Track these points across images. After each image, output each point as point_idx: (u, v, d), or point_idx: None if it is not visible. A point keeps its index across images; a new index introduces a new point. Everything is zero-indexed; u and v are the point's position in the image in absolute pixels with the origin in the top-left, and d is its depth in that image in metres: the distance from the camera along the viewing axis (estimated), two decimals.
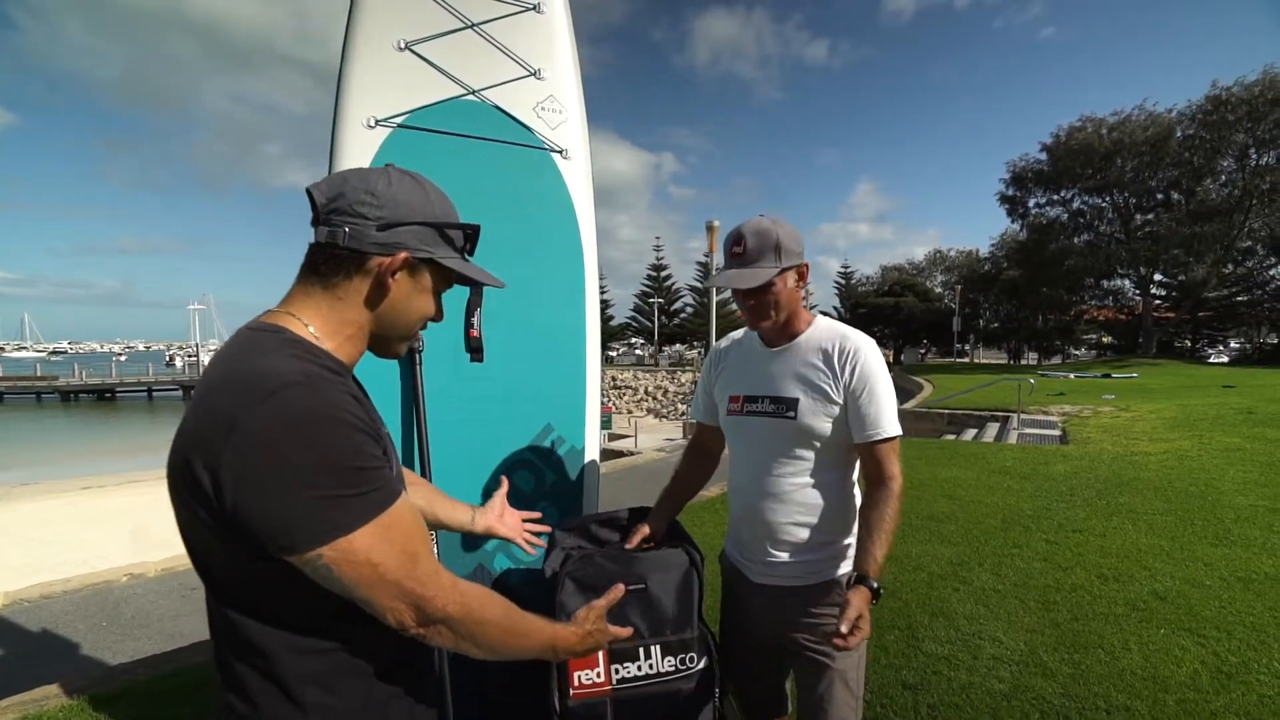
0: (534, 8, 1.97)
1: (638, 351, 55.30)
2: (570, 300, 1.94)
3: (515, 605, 0.90)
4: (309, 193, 0.84)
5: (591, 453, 1.91)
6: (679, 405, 31.45)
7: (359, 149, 1.76)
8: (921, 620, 2.99)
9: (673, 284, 52.39)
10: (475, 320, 1.81)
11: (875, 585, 1.31)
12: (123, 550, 7.32)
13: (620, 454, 12.74)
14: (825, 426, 1.40)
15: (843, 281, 50.70)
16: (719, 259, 1.66)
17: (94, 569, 5.30)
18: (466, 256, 0.98)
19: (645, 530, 1.58)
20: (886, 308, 39.27)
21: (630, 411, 34.02)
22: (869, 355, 1.41)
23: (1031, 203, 33.12)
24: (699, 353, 51.11)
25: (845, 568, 1.46)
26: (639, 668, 1.39)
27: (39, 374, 43.21)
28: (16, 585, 4.76)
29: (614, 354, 59.47)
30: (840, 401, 1.39)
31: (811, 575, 1.45)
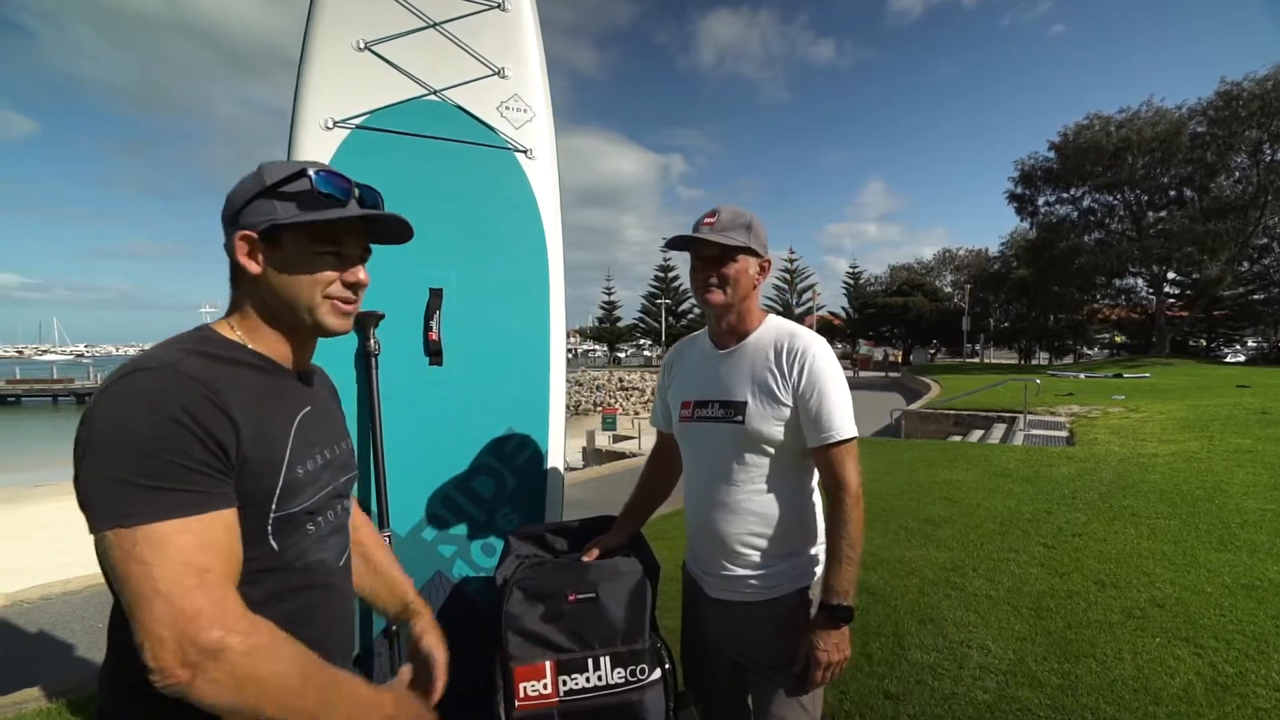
0: (498, 6, 1.94)
1: (645, 353, 55.18)
2: (533, 302, 1.91)
3: (326, 664, 0.79)
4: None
5: (555, 457, 1.87)
6: None
7: (316, 151, 1.73)
8: (909, 627, 2.93)
9: (680, 285, 52.24)
10: (434, 323, 1.79)
11: (842, 605, 1.29)
12: None
13: (623, 455, 12.70)
14: (775, 430, 1.34)
15: (851, 282, 50.41)
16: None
17: (95, 570, 5.34)
18: (329, 203, 0.89)
19: (605, 542, 1.54)
20: (895, 308, 38.97)
21: (637, 413, 33.98)
22: (818, 354, 1.35)
23: (1041, 201, 32.78)
24: None
25: (802, 582, 1.40)
26: (587, 679, 1.35)
27: (55, 377, 43.87)
28: (19, 586, 4.80)
29: (622, 355, 59.44)
30: (790, 404, 1.33)
31: (767, 590, 1.39)
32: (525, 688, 1.33)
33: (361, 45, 1.78)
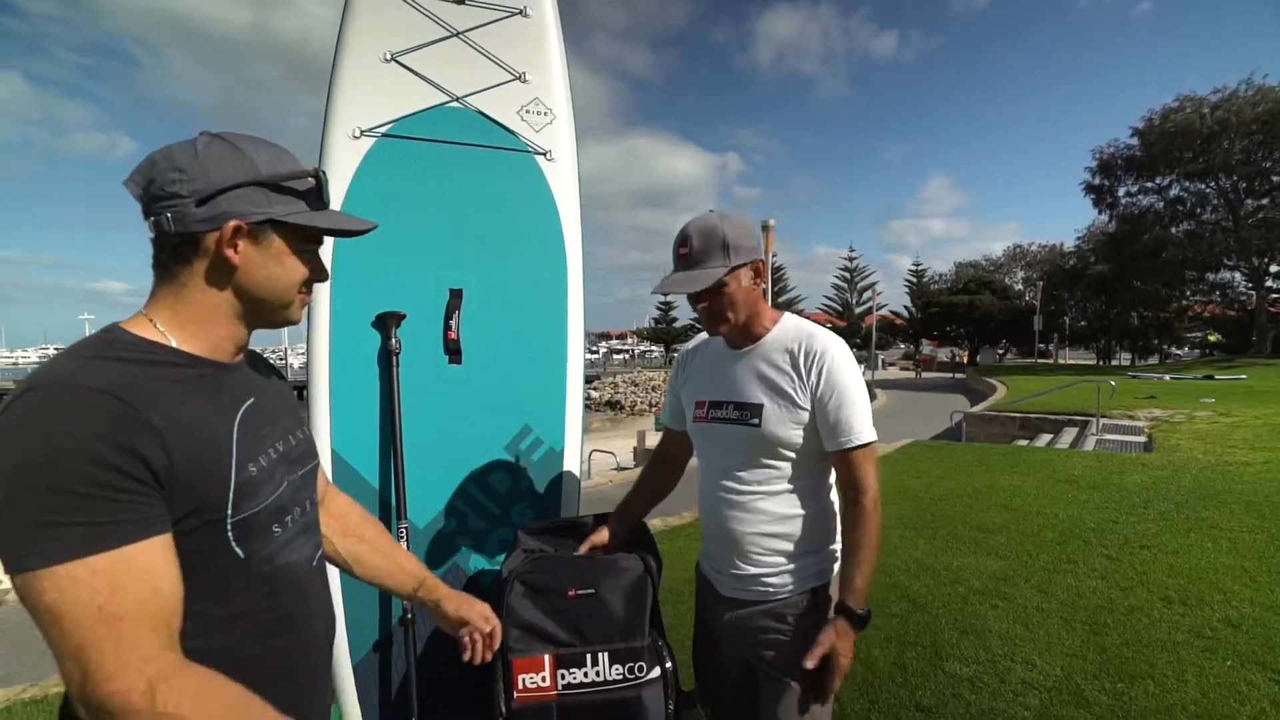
0: (520, 12, 1.99)
1: None
2: (552, 301, 1.94)
3: (259, 703, 0.72)
4: (126, 188, 0.78)
5: (571, 455, 1.90)
6: None
7: (345, 159, 1.82)
8: (949, 638, 2.81)
9: None
10: (454, 323, 1.85)
11: (860, 612, 1.28)
12: None
13: None
14: (792, 434, 1.33)
15: (914, 280, 48.59)
16: (676, 267, 1.37)
17: None
18: (318, 206, 0.86)
19: (599, 538, 1.55)
20: (961, 306, 37.25)
21: None
22: (837, 356, 1.32)
23: (1122, 191, 30.60)
24: None
25: (815, 583, 1.38)
26: (585, 674, 1.36)
27: None
28: None
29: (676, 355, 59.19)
30: (807, 407, 1.31)
31: (780, 591, 1.37)
32: (524, 679, 1.35)
33: (388, 56, 1.86)
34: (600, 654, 1.37)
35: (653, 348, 62.63)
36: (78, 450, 0.65)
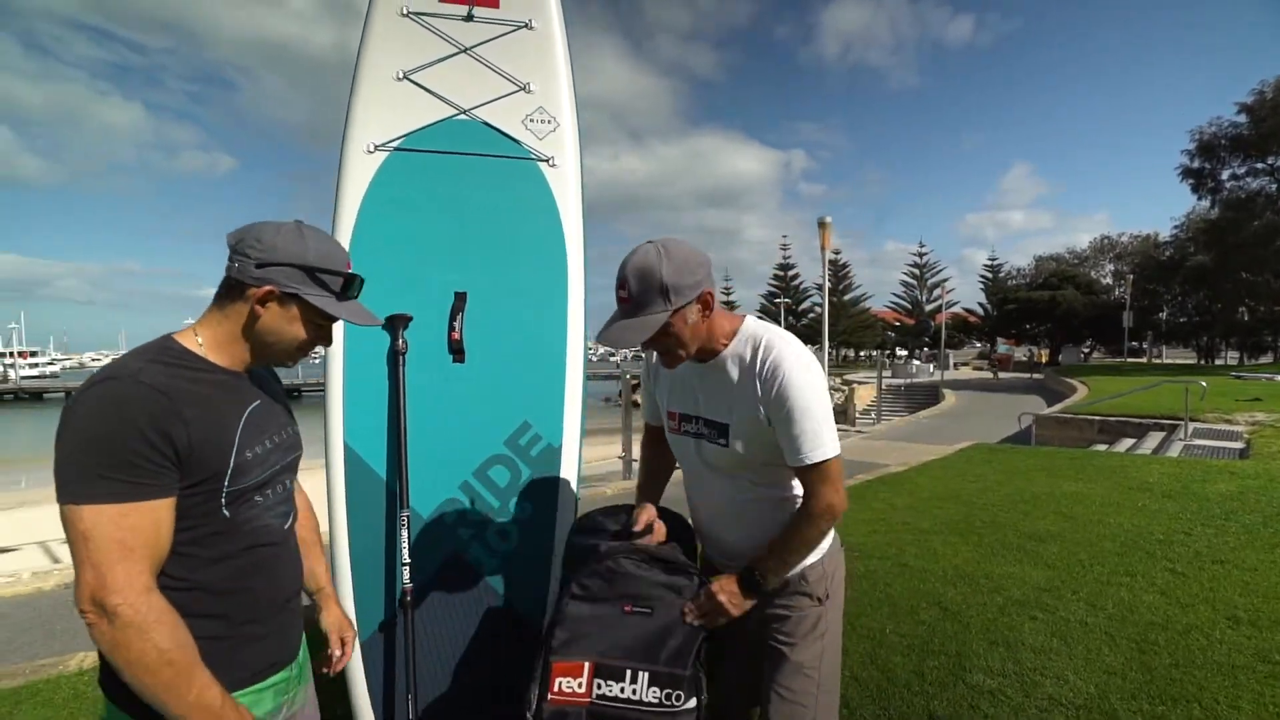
0: (525, 25, 2.07)
1: None
2: (552, 303, 2.01)
3: (198, 661, 0.93)
4: (226, 237, 1.07)
5: (570, 451, 1.96)
6: None
7: (360, 172, 1.95)
8: (976, 648, 2.70)
9: (800, 283, 50.77)
10: (457, 324, 1.95)
11: (759, 583, 1.33)
12: None
13: None
14: (762, 452, 1.34)
15: (989, 275, 46.11)
16: (617, 312, 1.32)
17: None
18: (344, 298, 1.12)
19: (649, 513, 1.51)
20: (1040, 303, 34.99)
21: None
22: (791, 369, 1.27)
23: (1226, 174, 27.91)
24: (830, 353, 49.04)
25: (805, 561, 1.40)
26: (621, 689, 1.32)
27: None
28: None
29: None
30: (767, 422, 1.30)
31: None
32: (561, 683, 1.32)
33: (400, 75, 1.98)
34: (641, 673, 1.33)
35: None
36: (131, 430, 0.90)
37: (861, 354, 49.36)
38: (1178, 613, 3.03)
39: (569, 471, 1.96)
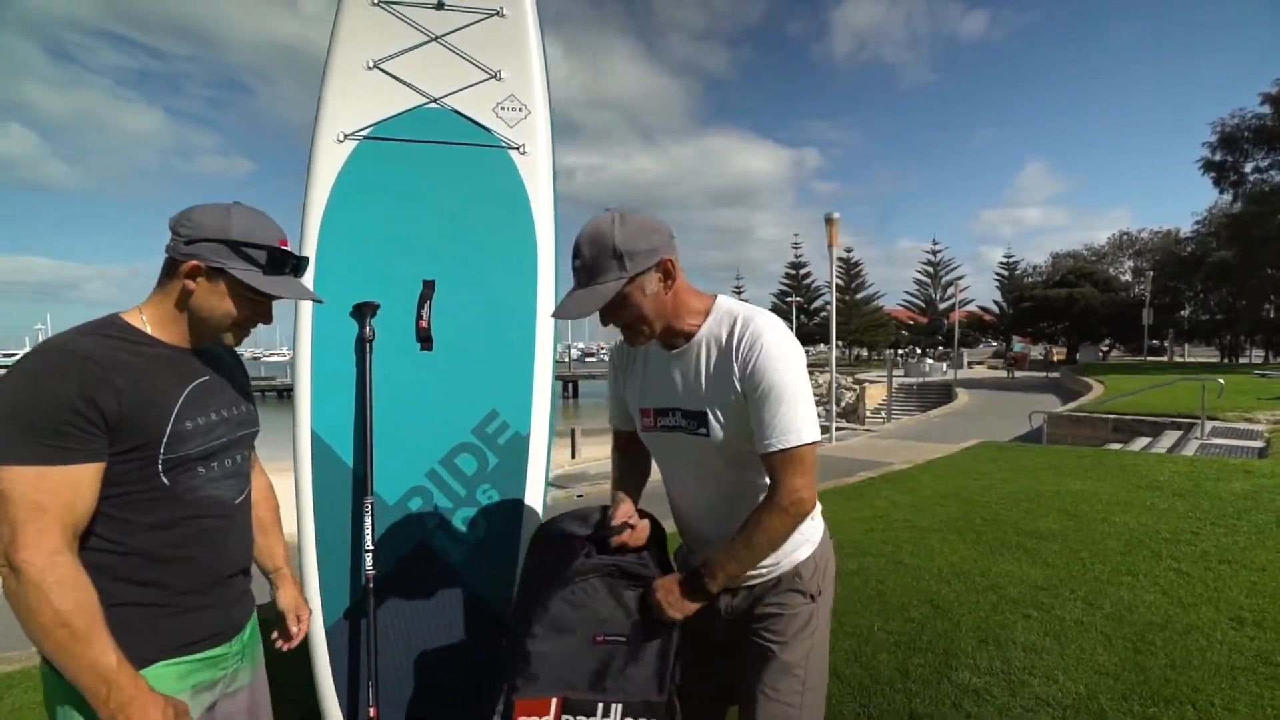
0: (496, 13, 2.05)
1: None
2: (521, 291, 1.99)
3: (99, 623, 0.93)
4: (168, 221, 1.10)
5: (539, 440, 1.94)
6: (816, 407, 30.21)
7: (329, 161, 1.94)
8: (965, 646, 2.64)
9: (812, 282, 50.42)
10: (425, 312, 1.94)
11: (705, 587, 1.24)
12: None
13: None
14: (742, 441, 1.24)
15: (1005, 273, 45.45)
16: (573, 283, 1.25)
17: None
18: (273, 273, 1.12)
19: (626, 507, 1.37)
20: (1057, 300, 34.42)
21: None
22: (769, 347, 1.19)
23: (1249, 167, 27.23)
24: (843, 352, 48.65)
25: (799, 556, 1.33)
26: None
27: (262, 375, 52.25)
28: None
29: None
30: (744, 405, 1.21)
31: (761, 575, 1.33)
32: None
33: (371, 64, 1.97)
34: (614, 705, 1.24)
35: None
36: (57, 396, 0.93)
37: (874, 353, 48.92)
38: (1179, 613, 2.94)
39: (537, 461, 1.94)
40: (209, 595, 1.12)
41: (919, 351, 40.13)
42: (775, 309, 51.74)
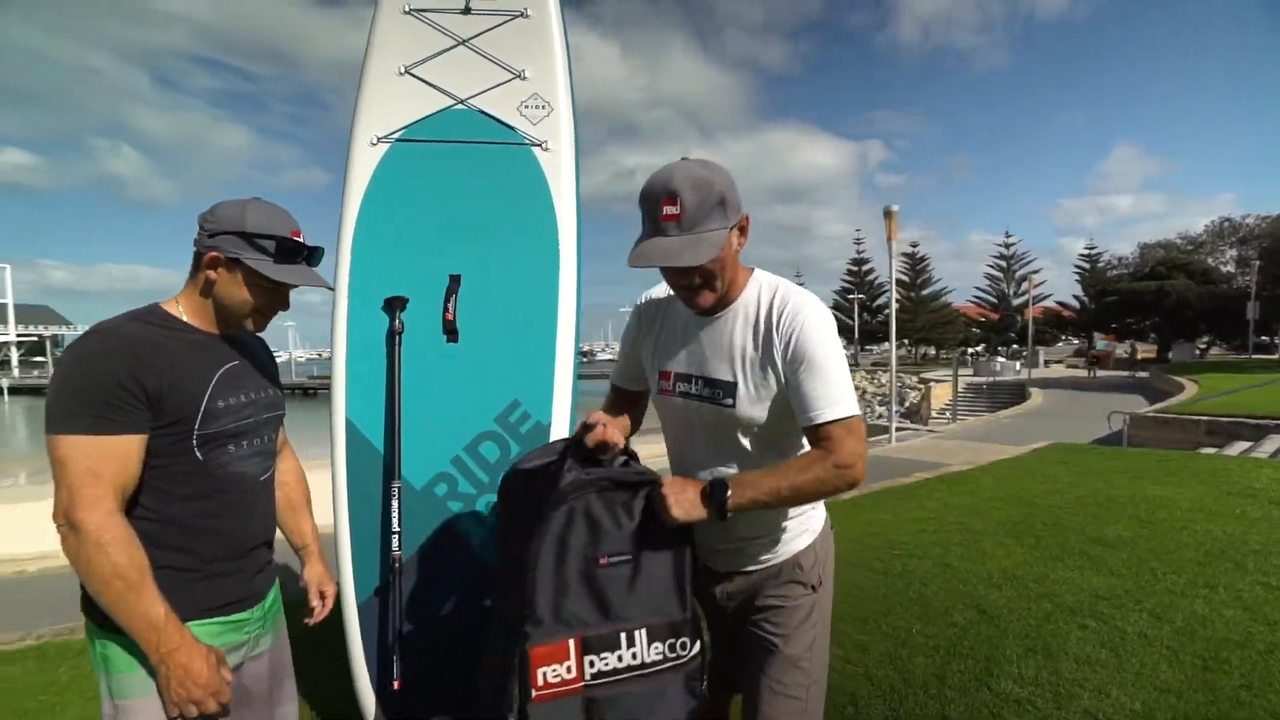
0: (521, 14, 2.11)
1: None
2: (544, 283, 2.03)
3: (148, 578, 1.02)
4: (198, 218, 1.20)
5: (559, 429, 1.98)
6: (877, 407, 29.31)
7: (364, 164, 2.05)
8: (1010, 654, 2.51)
9: (875, 278, 48.78)
10: (451, 305, 2.01)
11: (724, 500, 1.13)
12: None
13: None
14: (768, 415, 1.21)
15: (1086, 266, 42.55)
16: (659, 231, 1.13)
17: None
18: (284, 262, 1.20)
19: (596, 414, 1.28)
20: (1146, 294, 31.86)
21: None
22: (810, 319, 1.17)
23: None
24: (909, 350, 46.97)
25: (799, 545, 1.31)
26: (619, 658, 1.15)
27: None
28: None
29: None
30: (782, 378, 1.18)
31: (766, 559, 1.31)
32: (544, 674, 1.12)
33: (402, 70, 2.07)
34: (637, 632, 1.16)
35: None
36: (106, 374, 1.04)
37: (942, 352, 46.92)
38: (1262, 631, 2.69)
39: None
40: (234, 563, 1.21)
41: (991, 350, 38.17)
42: (837, 307, 50.35)
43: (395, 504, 1.83)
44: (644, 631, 1.16)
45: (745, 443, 1.26)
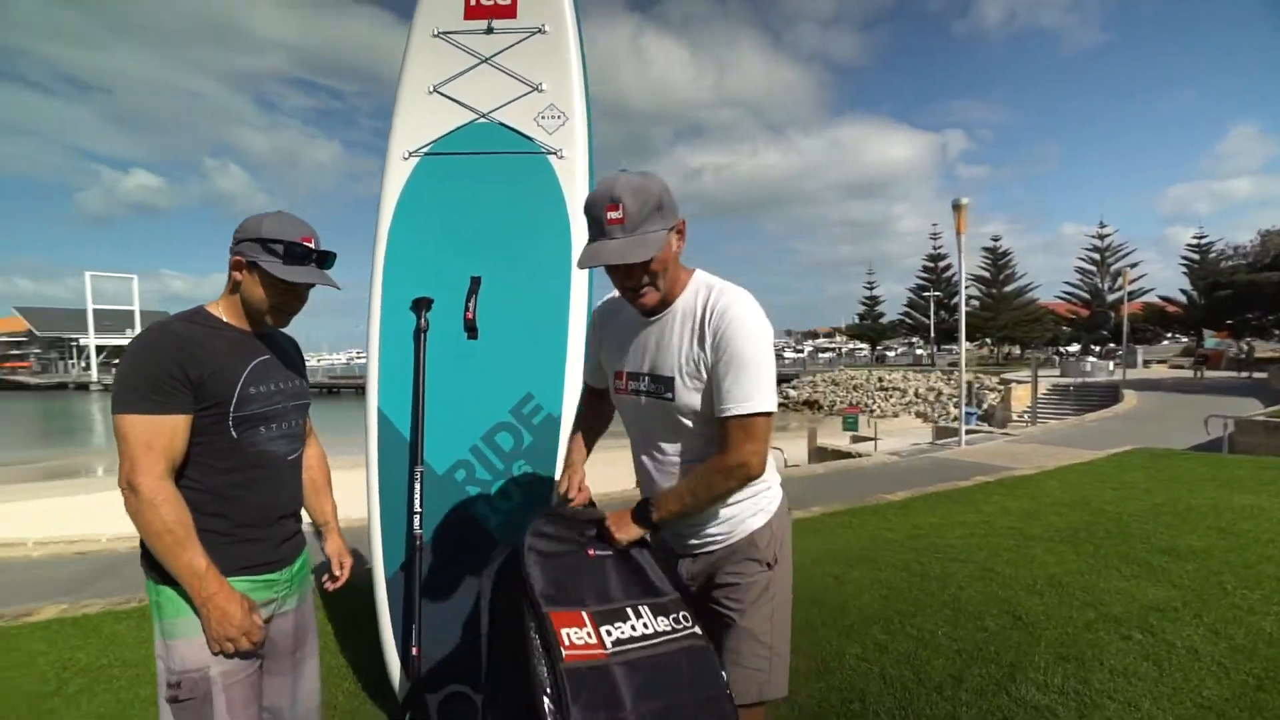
0: (539, 30, 2.25)
1: (919, 350, 50.24)
2: (556, 284, 2.16)
3: (193, 535, 1.22)
4: None
5: (570, 421, 2.09)
6: (951, 409, 27.98)
7: (397, 177, 2.25)
8: (1039, 662, 2.42)
9: (952, 275, 46.44)
10: (471, 305, 2.17)
11: (650, 515, 1.34)
12: None
13: (844, 455, 11.99)
14: (705, 406, 1.30)
15: (1194, 257, 38.78)
16: (605, 234, 1.26)
17: None
18: (293, 263, 1.34)
19: (576, 471, 1.51)
20: (1267, 286, 28.80)
21: (896, 414, 31.37)
22: (736, 318, 1.25)
23: None
24: (990, 350, 44.53)
25: (754, 525, 1.39)
26: (632, 627, 1.22)
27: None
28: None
29: (891, 354, 55.53)
30: (708, 371, 1.28)
31: (719, 540, 1.40)
32: (568, 634, 1.14)
33: (431, 89, 2.25)
34: (640, 607, 1.24)
35: (862, 346, 58.86)
36: (157, 365, 1.23)
37: (1027, 351, 44.09)
38: None
39: (567, 439, 2.10)
40: (263, 530, 1.39)
41: (1083, 349, 35.52)
42: (912, 305, 48.27)
43: (417, 487, 2.00)
44: (646, 606, 1.27)
45: (691, 430, 1.36)
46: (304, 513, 1.56)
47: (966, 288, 45.60)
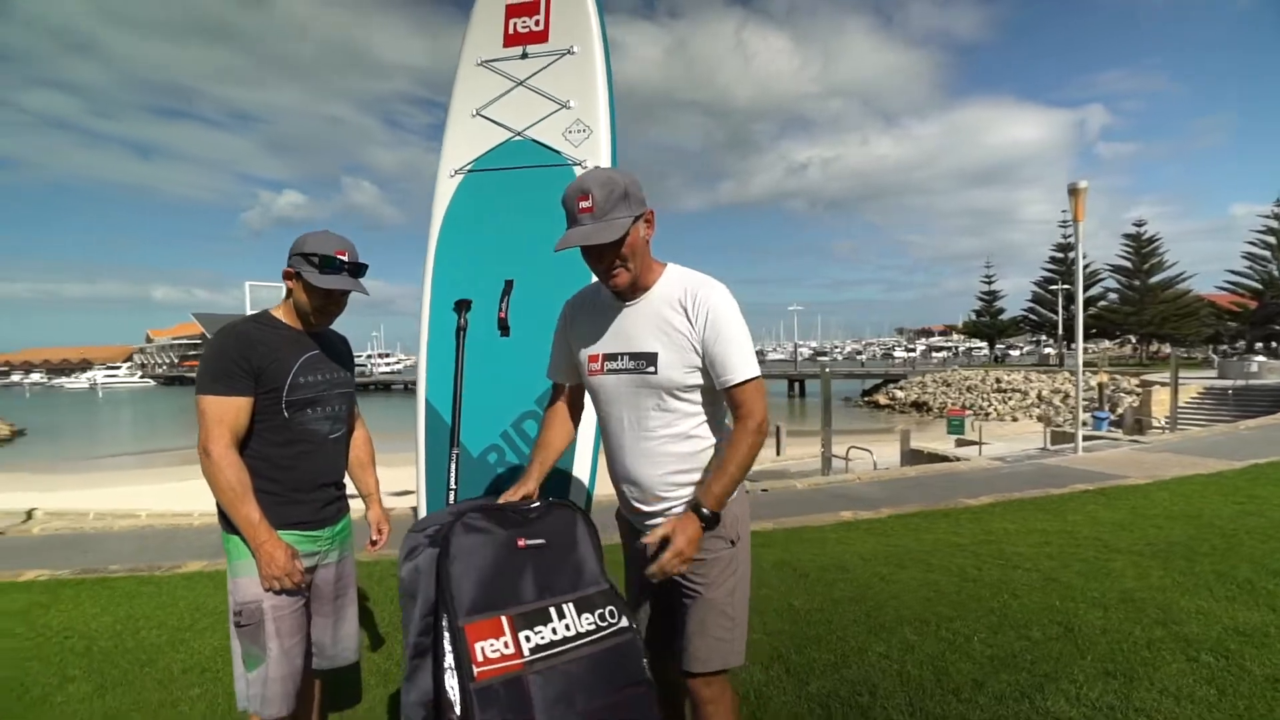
0: (568, 51, 2.46)
1: (1046, 349, 45.84)
2: (578, 285, 2.32)
3: (250, 493, 1.53)
4: None
5: (589, 412, 2.27)
6: (1064, 411, 25.37)
7: (445, 192, 2.54)
8: (1077, 675, 2.29)
9: (1086, 265, 42.02)
10: (504, 305, 2.42)
11: (707, 512, 1.38)
12: None
13: (941, 458, 11.32)
14: (686, 378, 1.43)
15: None
16: (577, 222, 1.48)
17: None
18: (327, 272, 1.62)
19: (526, 487, 1.55)
20: None
21: (1015, 418, 28.96)
22: (720, 301, 1.43)
23: None
24: (1135, 348, 39.91)
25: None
26: (553, 630, 1.22)
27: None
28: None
29: (1015, 353, 51.35)
30: (699, 350, 1.42)
31: (677, 506, 1.48)
32: (482, 649, 1.14)
33: (474, 113, 2.52)
34: (565, 605, 1.25)
35: (982, 344, 54.44)
36: (229, 355, 1.55)
37: (1183, 349, 38.96)
38: None
39: (587, 428, 2.28)
40: (307, 494, 1.68)
41: (1247, 345, 30.90)
42: (1038, 299, 44.06)
43: (454, 467, 2.27)
44: (572, 605, 1.29)
45: (669, 406, 1.47)
46: (350, 484, 1.87)
47: (1103, 279, 41.17)
